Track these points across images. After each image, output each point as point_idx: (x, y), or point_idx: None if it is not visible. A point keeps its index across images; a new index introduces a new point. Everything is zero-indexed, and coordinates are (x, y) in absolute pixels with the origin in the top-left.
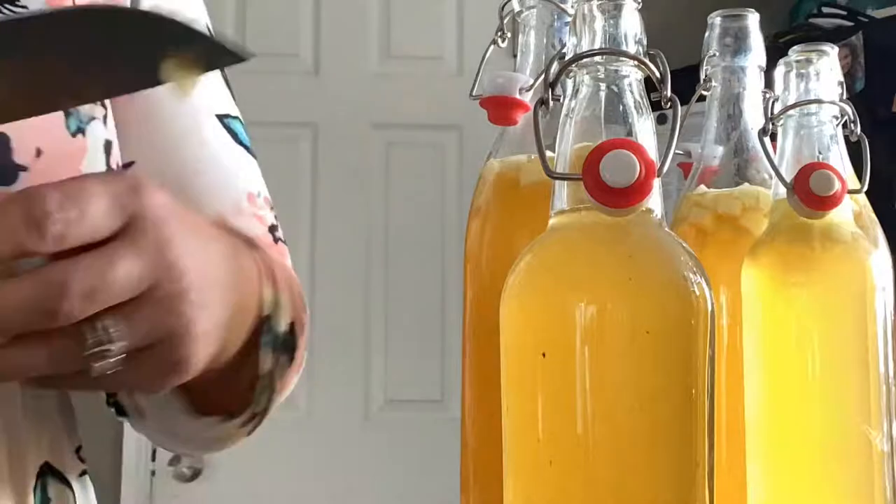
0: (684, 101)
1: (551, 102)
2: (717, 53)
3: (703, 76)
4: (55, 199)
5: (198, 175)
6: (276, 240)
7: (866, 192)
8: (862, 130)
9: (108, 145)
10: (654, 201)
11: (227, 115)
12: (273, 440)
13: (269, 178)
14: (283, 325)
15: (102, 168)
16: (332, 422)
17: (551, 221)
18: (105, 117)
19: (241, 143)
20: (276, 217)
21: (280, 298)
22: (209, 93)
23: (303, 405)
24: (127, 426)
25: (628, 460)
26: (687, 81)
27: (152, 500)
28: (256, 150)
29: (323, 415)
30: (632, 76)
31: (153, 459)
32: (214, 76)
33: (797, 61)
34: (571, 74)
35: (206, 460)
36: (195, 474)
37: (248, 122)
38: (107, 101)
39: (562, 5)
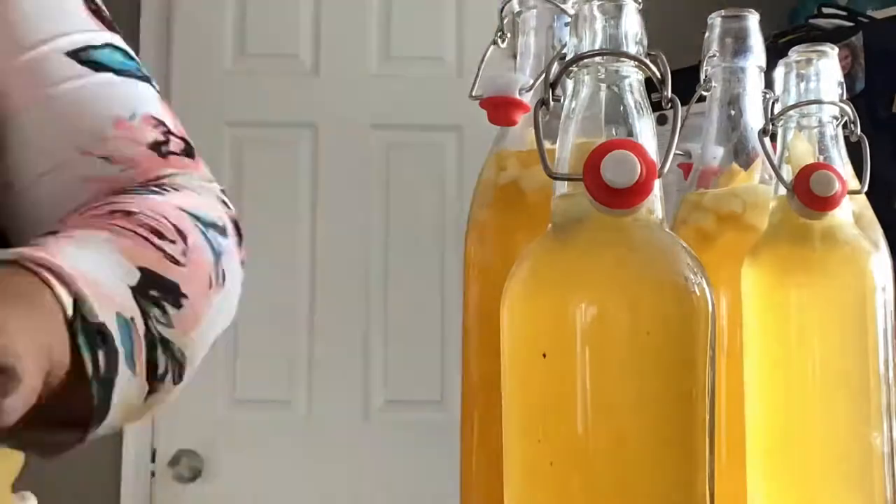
0: (684, 102)
1: (552, 103)
2: (717, 54)
3: (703, 76)
4: None
5: (42, 123)
6: (164, 154)
7: (866, 193)
8: (862, 130)
9: None
10: (655, 202)
11: (86, 47)
12: (273, 440)
13: (269, 178)
14: (95, 316)
15: None
16: (332, 422)
17: (552, 222)
18: None
19: (109, 69)
20: (168, 133)
21: (83, 294)
22: (57, 31)
23: (303, 405)
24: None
25: (628, 461)
26: (687, 81)
27: (152, 501)
28: (255, 151)
29: (323, 415)
30: (632, 77)
31: (153, 460)
32: (65, 10)
33: (797, 62)
34: (572, 75)
35: (207, 461)
36: (195, 475)
37: (249, 123)
38: None
39: (562, 6)
